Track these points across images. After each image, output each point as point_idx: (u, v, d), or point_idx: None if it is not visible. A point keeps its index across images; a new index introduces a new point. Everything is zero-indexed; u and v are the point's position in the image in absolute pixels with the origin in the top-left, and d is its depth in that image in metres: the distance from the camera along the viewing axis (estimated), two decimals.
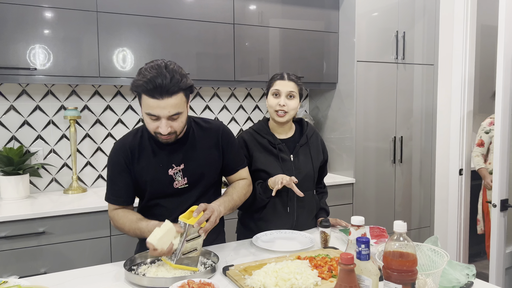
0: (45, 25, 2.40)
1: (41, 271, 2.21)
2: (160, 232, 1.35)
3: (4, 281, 1.26)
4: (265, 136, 1.91)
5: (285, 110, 1.84)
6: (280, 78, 1.87)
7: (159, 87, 1.39)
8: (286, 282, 1.26)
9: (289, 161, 1.90)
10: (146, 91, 1.41)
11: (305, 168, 1.92)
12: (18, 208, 2.30)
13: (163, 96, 1.40)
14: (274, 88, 1.86)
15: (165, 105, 1.42)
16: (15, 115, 2.65)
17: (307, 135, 1.96)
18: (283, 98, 1.84)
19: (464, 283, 1.28)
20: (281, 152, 1.89)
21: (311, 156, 1.95)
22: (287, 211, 1.89)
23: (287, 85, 1.85)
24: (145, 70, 1.42)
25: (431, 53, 3.40)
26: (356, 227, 1.18)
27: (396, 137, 3.31)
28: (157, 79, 1.38)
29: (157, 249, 1.35)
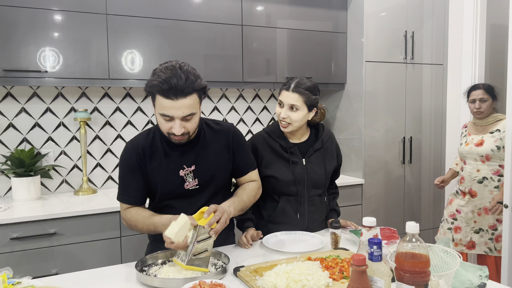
0: (55, 28, 2.42)
1: (53, 271, 2.23)
2: (177, 226, 1.37)
3: (18, 282, 1.27)
4: (277, 140, 1.87)
5: (288, 122, 1.81)
6: (286, 88, 1.80)
7: (174, 87, 1.40)
8: (297, 283, 1.26)
9: (300, 165, 1.87)
10: (161, 91, 1.42)
11: (316, 174, 1.89)
12: (30, 209, 2.32)
13: (177, 96, 1.41)
14: (279, 98, 1.83)
15: (179, 106, 1.43)
16: (26, 117, 2.68)
17: (323, 140, 1.92)
18: (284, 109, 1.80)
19: (477, 284, 1.27)
20: (292, 156, 1.86)
21: (324, 161, 1.92)
22: (298, 217, 1.88)
23: (289, 97, 1.78)
24: (160, 71, 1.43)
25: (440, 53, 3.38)
26: (368, 228, 1.17)
27: (406, 137, 3.29)
28: (172, 80, 1.40)
29: (174, 242, 1.36)
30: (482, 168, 2.66)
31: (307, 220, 1.89)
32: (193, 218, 1.43)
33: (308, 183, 1.87)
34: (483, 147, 2.64)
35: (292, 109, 1.80)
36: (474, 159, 2.69)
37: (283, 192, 1.86)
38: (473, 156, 2.68)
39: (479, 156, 2.66)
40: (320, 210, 1.94)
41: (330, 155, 1.95)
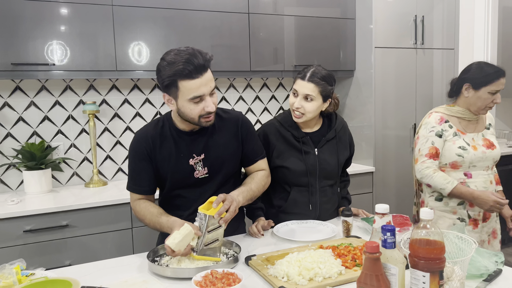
0: (62, 21, 2.42)
1: (66, 263, 2.25)
2: (179, 236, 1.36)
3: (31, 273, 1.29)
4: (289, 129, 1.83)
5: (301, 112, 1.76)
6: (301, 77, 1.75)
7: (197, 65, 1.42)
8: (310, 271, 1.25)
9: (313, 155, 1.83)
10: (187, 73, 1.42)
11: (329, 163, 1.85)
12: (42, 202, 2.34)
13: (202, 72, 1.44)
14: (294, 87, 1.78)
15: (206, 81, 1.46)
16: (36, 111, 2.69)
17: (336, 129, 1.88)
18: (299, 99, 1.75)
19: (493, 270, 1.25)
20: (304, 146, 1.82)
21: (337, 152, 1.88)
22: (310, 208, 1.85)
23: (305, 87, 1.73)
24: (173, 58, 1.43)
25: (451, 37, 3.31)
26: (380, 215, 1.15)
27: (416, 124, 3.25)
28: (193, 59, 1.42)
29: (174, 251, 1.36)
30: (493, 178, 2.10)
31: (319, 211, 1.87)
32: (197, 228, 1.41)
33: (320, 174, 1.84)
34: (496, 149, 2.07)
35: (306, 99, 1.74)
36: (487, 167, 2.05)
37: (294, 183, 1.84)
38: (487, 163, 2.04)
39: (492, 162, 2.06)
40: (332, 201, 1.91)
41: (343, 145, 1.91)
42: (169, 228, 1.47)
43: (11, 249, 2.17)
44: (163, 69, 1.46)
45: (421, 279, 1.02)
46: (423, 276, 1.02)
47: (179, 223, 1.44)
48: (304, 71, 1.77)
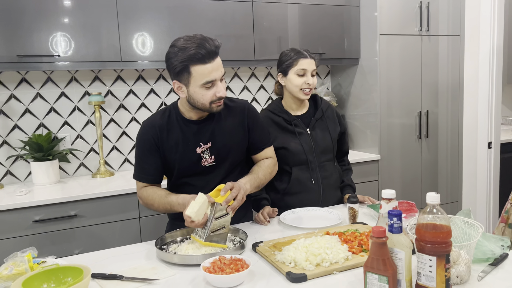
0: (66, 12, 2.42)
1: (75, 252, 2.28)
2: (196, 205, 1.39)
3: (42, 261, 1.31)
4: (280, 114, 1.93)
5: (311, 88, 1.89)
6: (304, 56, 1.87)
7: (209, 50, 1.45)
8: (317, 256, 1.26)
9: (306, 135, 1.93)
10: (200, 58, 1.44)
11: (323, 140, 1.95)
12: (50, 192, 2.37)
13: (213, 57, 1.46)
14: (300, 68, 1.87)
15: (217, 66, 1.48)
16: (42, 102, 2.71)
17: (322, 109, 1.99)
18: (309, 76, 1.88)
19: (499, 254, 1.25)
20: (296, 127, 1.93)
21: (328, 128, 1.98)
22: (312, 183, 1.92)
23: (311, 64, 1.88)
24: (184, 44, 1.46)
25: (457, 23, 3.27)
26: (387, 200, 1.16)
27: (422, 111, 3.24)
28: (205, 44, 1.44)
29: (194, 221, 1.38)
30: None
31: (321, 186, 1.92)
32: (210, 196, 1.44)
33: (317, 150, 1.93)
34: None
35: (312, 75, 1.89)
36: None
37: (294, 162, 1.91)
38: None
39: None
40: (333, 176, 1.98)
41: (332, 122, 2.01)
42: (179, 205, 1.50)
43: (21, 238, 2.20)
44: (175, 55, 1.46)
45: (428, 263, 1.03)
46: (429, 260, 1.03)
47: (190, 197, 1.47)
48: (299, 52, 1.89)
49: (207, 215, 1.42)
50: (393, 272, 1.03)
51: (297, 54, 1.88)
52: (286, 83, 1.91)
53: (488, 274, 1.18)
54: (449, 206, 3.42)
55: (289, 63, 1.88)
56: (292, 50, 1.91)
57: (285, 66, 1.89)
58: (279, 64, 1.94)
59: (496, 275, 1.19)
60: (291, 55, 1.88)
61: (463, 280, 1.13)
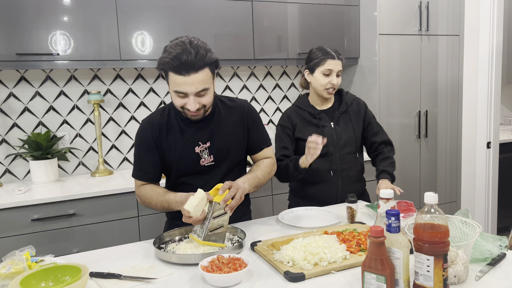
0: (65, 11, 2.41)
1: (74, 251, 2.28)
2: (195, 200, 1.39)
3: (41, 259, 1.31)
4: (305, 109, 2.04)
5: (335, 88, 1.98)
6: (331, 57, 1.95)
7: (185, 63, 1.40)
8: (315, 256, 1.26)
9: (329, 128, 2.01)
10: (172, 68, 1.42)
11: (345, 133, 2.02)
12: (49, 191, 2.37)
13: (189, 72, 1.41)
14: (326, 68, 1.95)
15: (192, 81, 1.43)
16: (41, 101, 2.71)
17: (347, 103, 2.06)
18: (334, 77, 1.96)
19: (497, 254, 1.25)
20: (321, 121, 2.01)
21: (351, 122, 2.04)
22: (331, 174, 1.98)
23: (337, 65, 1.96)
24: (170, 47, 1.43)
25: (456, 23, 3.27)
26: (385, 200, 1.16)
27: (421, 111, 3.24)
28: (182, 56, 1.39)
29: (192, 216, 1.38)
30: None
31: (340, 178, 2.00)
32: (209, 194, 1.44)
33: (338, 143, 1.99)
34: None
35: (337, 76, 1.98)
36: None
37: None
38: None
39: None
40: (353, 168, 2.05)
41: (357, 116, 2.06)
42: (177, 203, 1.50)
43: (20, 237, 2.20)
44: (162, 54, 1.46)
45: (425, 263, 1.03)
46: (427, 259, 1.03)
47: (187, 194, 1.47)
48: (328, 52, 1.96)
49: (205, 212, 1.42)
50: (391, 271, 1.03)
51: (325, 54, 1.95)
52: (312, 81, 2.01)
53: (485, 274, 1.18)
54: (448, 206, 3.42)
55: (316, 62, 1.97)
56: (320, 50, 1.98)
57: (312, 64, 1.99)
58: (307, 61, 2.03)
59: (494, 275, 1.19)
60: (319, 55, 1.97)
61: (460, 280, 1.13)
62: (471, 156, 3.35)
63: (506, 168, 3.54)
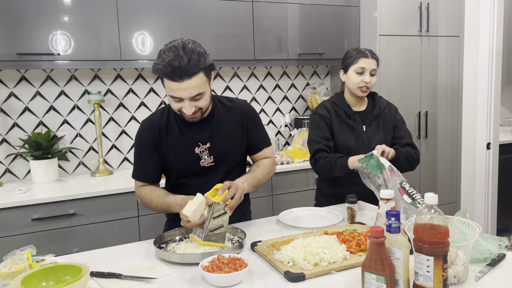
0: (66, 11, 2.42)
1: (74, 250, 2.28)
2: (194, 205, 1.39)
3: (41, 259, 1.31)
4: (342, 106, 2.03)
5: (368, 87, 1.97)
6: (365, 56, 1.95)
7: (177, 69, 1.39)
8: (315, 256, 1.27)
9: (361, 131, 2.01)
10: (165, 74, 1.42)
11: (376, 138, 2.02)
12: (49, 191, 2.37)
13: (182, 78, 1.40)
14: (359, 66, 1.95)
15: (186, 87, 1.42)
16: (41, 101, 2.71)
17: (380, 107, 2.06)
18: (367, 75, 1.95)
19: (497, 254, 1.26)
20: (354, 123, 2.01)
21: (383, 126, 2.04)
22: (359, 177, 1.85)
23: (371, 63, 1.95)
24: (164, 52, 1.42)
25: (456, 24, 3.28)
26: (385, 200, 1.16)
27: (421, 112, 3.24)
28: (174, 62, 1.38)
29: (190, 220, 1.38)
30: None
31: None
32: (208, 198, 1.44)
33: (368, 148, 1.98)
34: None
35: (371, 75, 1.96)
36: None
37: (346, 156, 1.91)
38: None
39: None
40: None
41: (389, 121, 2.06)
42: (177, 205, 1.49)
43: (20, 237, 2.20)
44: (156, 58, 1.45)
45: (425, 263, 1.03)
46: (427, 260, 1.03)
47: (187, 197, 1.47)
48: (362, 51, 1.96)
49: (204, 215, 1.42)
50: (391, 272, 1.04)
51: (358, 53, 1.97)
52: (346, 80, 2.01)
53: (485, 275, 1.19)
54: (448, 206, 3.42)
55: (350, 61, 1.98)
56: (355, 50, 2.00)
57: (346, 63, 2.00)
58: (342, 61, 2.04)
59: (493, 275, 1.19)
60: (353, 54, 1.98)
61: (460, 280, 1.14)
62: (471, 157, 3.35)
63: (506, 169, 3.55)
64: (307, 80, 3.49)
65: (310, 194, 2.89)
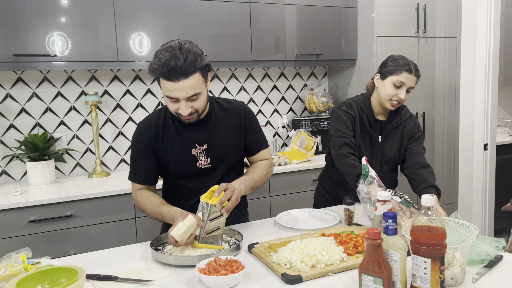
0: (63, 11, 2.41)
1: (71, 252, 2.27)
2: (183, 227, 1.37)
3: (37, 262, 1.30)
4: (366, 112, 1.92)
5: (400, 103, 1.85)
6: (408, 70, 1.81)
7: (173, 69, 1.39)
8: (312, 258, 1.26)
9: (376, 142, 1.93)
10: (161, 74, 1.41)
11: (390, 151, 1.94)
12: (46, 192, 2.36)
13: (179, 78, 1.40)
14: (398, 79, 1.81)
15: (182, 87, 1.42)
16: (38, 102, 2.70)
17: (402, 117, 1.95)
18: (403, 91, 1.82)
19: (494, 256, 1.26)
20: (374, 132, 1.92)
21: (401, 139, 1.94)
22: None
23: (412, 80, 1.83)
24: (160, 53, 1.42)
25: (453, 25, 3.28)
26: (382, 202, 1.16)
27: (418, 113, 3.24)
28: (170, 62, 1.38)
29: (178, 242, 1.37)
30: None
31: None
32: (199, 219, 1.42)
33: (381, 160, 1.93)
34: None
35: (407, 91, 1.84)
36: None
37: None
38: None
39: None
40: (388, 184, 1.90)
41: (407, 133, 1.95)
42: (170, 218, 1.48)
43: (16, 239, 2.19)
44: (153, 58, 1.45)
45: (422, 265, 1.03)
46: (424, 262, 1.03)
47: (180, 214, 1.45)
48: (407, 65, 1.82)
49: (193, 235, 1.40)
50: (388, 274, 1.03)
51: (404, 65, 1.82)
52: (380, 87, 1.88)
53: (482, 276, 1.19)
54: (445, 207, 3.42)
55: (391, 70, 1.84)
56: (400, 59, 1.85)
57: (386, 70, 1.86)
58: (382, 65, 1.90)
59: (491, 277, 1.19)
60: (398, 63, 1.83)
61: (457, 282, 1.14)
62: (468, 158, 3.36)
63: (503, 170, 3.55)
64: (305, 81, 3.49)
65: (308, 195, 2.89)
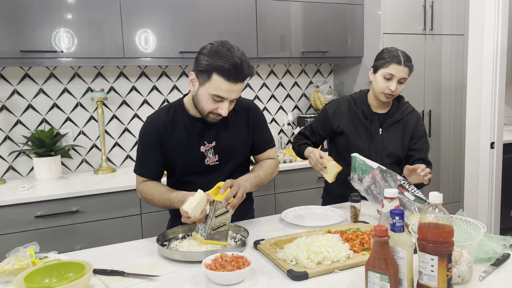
0: (69, 8, 2.42)
1: (77, 248, 2.28)
2: (194, 201, 1.39)
3: (44, 256, 1.31)
4: (361, 106, 1.93)
5: (393, 94, 1.85)
6: (398, 62, 1.80)
7: (239, 72, 1.40)
8: (318, 255, 1.26)
9: (377, 135, 1.92)
10: (224, 73, 1.39)
11: (392, 144, 1.92)
12: (52, 188, 2.37)
13: (238, 81, 1.42)
14: (388, 72, 1.81)
15: (235, 89, 1.44)
16: (45, 98, 2.71)
17: (403, 112, 1.94)
18: (394, 83, 1.82)
19: (501, 254, 1.25)
20: (371, 125, 1.91)
21: (402, 133, 1.93)
22: None
23: (401, 71, 1.81)
24: (220, 51, 1.40)
25: (461, 23, 3.26)
26: (389, 199, 1.16)
27: (425, 110, 3.23)
28: (243, 64, 1.40)
29: (190, 216, 1.38)
30: None
31: None
32: (209, 194, 1.44)
33: (382, 153, 1.91)
34: None
35: (400, 82, 1.84)
36: None
37: None
38: None
39: None
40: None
41: (409, 128, 1.95)
42: (179, 202, 1.49)
43: (23, 234, 2.21)
44: (206, 55, 1.42)
45: (430, 262, 1.03)
46: (431, 259, 1.03)
47: (189, 193, 1.47)
48: (396, 56, 1.81)
49: (205, 211, 1.42)
50: (395, 271, 1.03)
51: (392, 58, 1.81)
52: (373, 81, 1.90)
53: (489, 274, 1.18)
54: (451, 206, 3.41)
55: (380, 63, 1.85)
56: (390, 51, 1.84)
57: (377, 64, 1.87)
58: (375, 59, 1.91)
59: (498, 275, 1.19)
60: (386, 56, 1.83)
61: (464, 280, 1.13)
62: (474, 156, 3.34)
63: (510, 168, 3.52)
64: (310, 78, 3.48)
65: (313, 192, 2.89)
